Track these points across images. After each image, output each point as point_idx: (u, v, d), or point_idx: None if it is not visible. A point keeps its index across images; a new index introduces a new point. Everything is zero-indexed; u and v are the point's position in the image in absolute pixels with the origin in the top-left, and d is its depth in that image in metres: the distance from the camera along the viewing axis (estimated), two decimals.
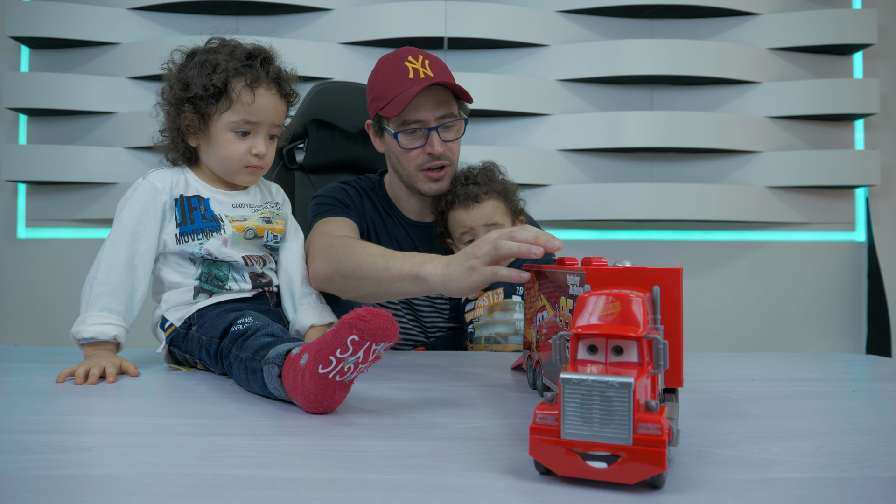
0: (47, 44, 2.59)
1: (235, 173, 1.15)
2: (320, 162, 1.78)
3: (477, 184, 1.39)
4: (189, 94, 1.10)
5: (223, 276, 1.12)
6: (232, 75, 1.09)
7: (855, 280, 2.67)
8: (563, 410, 0.53)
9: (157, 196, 1.10)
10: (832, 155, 2.57)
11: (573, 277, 0.75)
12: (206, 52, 1.13)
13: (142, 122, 2.52)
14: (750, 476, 0.58)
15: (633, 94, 2.64)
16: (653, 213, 2.51)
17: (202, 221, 1.11)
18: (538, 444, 0.54)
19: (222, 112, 1.10)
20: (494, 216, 1.37)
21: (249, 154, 1.12)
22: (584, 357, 0.56)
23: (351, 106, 1.80)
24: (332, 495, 0.52)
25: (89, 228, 2.61)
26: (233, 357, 0.95)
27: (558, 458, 0.54)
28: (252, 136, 1.13)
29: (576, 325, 0.57)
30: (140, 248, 1.09)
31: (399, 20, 2.53)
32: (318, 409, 0.78)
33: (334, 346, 0.74)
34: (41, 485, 0.54)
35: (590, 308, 0.59)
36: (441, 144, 1.37)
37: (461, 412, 0.81)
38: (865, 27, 2.56)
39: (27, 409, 0.81)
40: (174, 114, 1.13)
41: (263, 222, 1.17)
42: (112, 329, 1.05)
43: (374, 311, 0.75)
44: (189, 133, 1.13)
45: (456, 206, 1.39)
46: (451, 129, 1.39)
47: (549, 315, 0.85)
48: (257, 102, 1.10)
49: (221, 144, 1.12)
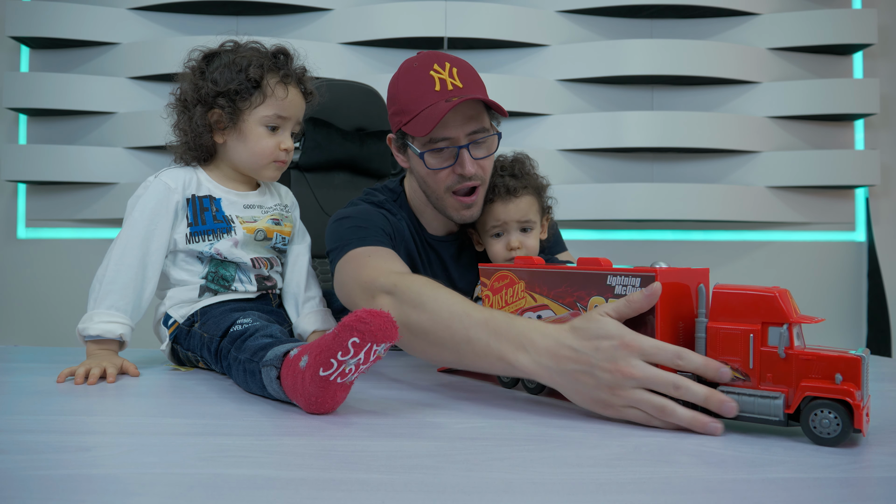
0: (47, 44, 2.59)
1: (263, 168, 1.15)
2: (316, 161, 1.78)
3: (514, 176, 1.28)
4: (222, 89, 1.10)
5: (230, 276, 1.12)
6: (267, 70, 1.12)
7: (855, 280, 2.67)
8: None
9: (169, 195, 1.10)
10: (832, 155, 2.57)
11: (626, 279, 0.76)
12: (232, 51, 1.14)
13: (142, 122, 2.52)
14: (750, 476, 0.58)
15: (633, 94, 2.64)
16: (653, 213, 2.51)
17: (213, 222, 1.12)
18: None
19: (256, 106, 1.11)
20: (529, 213, 1.28)
21: (279, 149, 1.14)
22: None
23: (347, 104, 1.79)
24: (332, 495, 0.52)
25: (89, 228, 2.61)
26: (231, 358, 0.95)
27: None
28: (281, 131, 1.14)
29: (792, 315, 0.69)
30: (151, 248, 1.08)
31: (399, 20, 2.53)
32: (319, 410, 0.78)
33: (335, 349, 0.74)
34: (41, 485, 0.54)
35: (786, 301, 0.70)
36: (473, 164, 1.20)
37: (461, 412, 0.81)
38: (865, 27, 2.56)
39: (27, 409, 0.81)
40: (201, 111, 1.12)
41: (273, 224, 1.17)
42: (118, 328, 1.05)
43: (374, 311, 0.75)
44: (218, 128, 1.13)
45: (493, 198, 1.27)
46: (483, 145, 1.22)
47: (556, 315, 0.85)
48: (289, 98, 1.13)
49: (253, 139, 1.12)
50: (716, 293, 0.73)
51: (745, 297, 0.71)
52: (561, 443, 0.68)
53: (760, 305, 0.70)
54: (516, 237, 1.28)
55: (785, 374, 0.68)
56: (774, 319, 0.69)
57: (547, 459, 0.62)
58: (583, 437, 0.70)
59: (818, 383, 0.66)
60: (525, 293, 0.90)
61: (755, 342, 0.69)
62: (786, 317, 0.69)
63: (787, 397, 0.68)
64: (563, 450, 0.65)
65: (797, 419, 0.68)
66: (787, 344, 0.68)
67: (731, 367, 0.71)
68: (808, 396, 0.66)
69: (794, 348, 0.68)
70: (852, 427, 0.64)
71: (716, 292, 0.73)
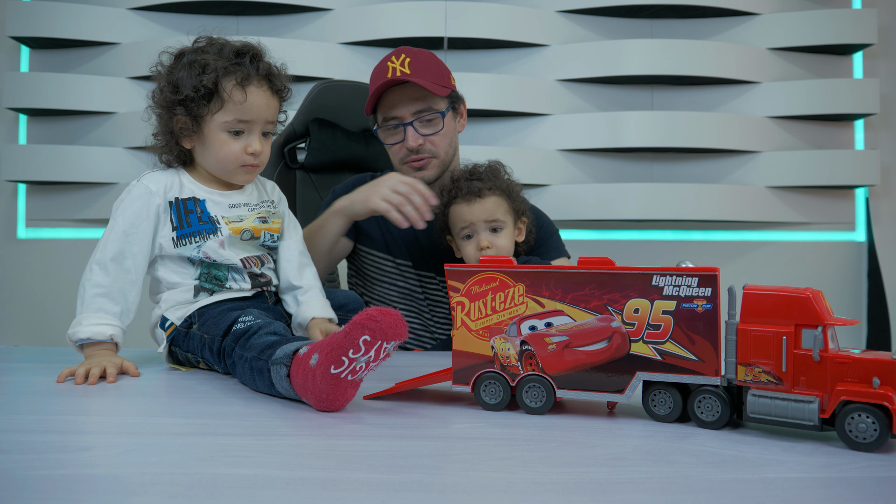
0: (47, 44, 2.59)
1: (232, 173, 1.14)
2: (322, 161, 1.78)
3: (480, 179, 1.37)
4: (180, 97, 1.08)
5: (222, 276, 1.12)
6: (222, 74, 1.08)
7: (855, 280, 2.67)
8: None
9: (150, 199, 1.10)
10: (832, 155, 2.57)
11: (681, 279, 0.73)
12: (193, 52, 1.11)
13: (141, 123, 2.52)
14: (750, 476, 0.58)
15: (633, 94, 2.64)
16: (653, 213, 2.51)
17: (198, 224, 1.11)
18: None
19: (214, 112, 1.09)
20: (496, 213, 1.34)
21: (245, 153, 1.11)
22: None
23: (352, 105, 1.79)
24: (332, 495, 0.52)
25: (89, 228, 2.61)
26: (236, 356, 0.95)
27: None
28: (246, 134, 1.12)
29: (827, 317, 0.67)
30: (133, 251, 1.08)
31: (399, 20, 2.53)
32: (329, 407, 0.79)
33: (346, 347, 0.75)
34: (41, 485, 0.54)
35: (820, 302, 0.69)
36: (417, 138, 1.40)
37: (461, 412, 0.81)
38: (865, 27, 2.55)
39: (27, 409, 0.81)
40: (166, 117, 1.11)
41: (260, 223, 1.16)
42: (108, 329, 1.04)
43: (385, 310, 0.76)
44: (182, 135, 1.12)
45: (458, 199, 1.36)
46: (430, 123, 1.41)
47: (576, 322, 0.78)
48: (249, 101, 1.09)
49: (216, 145, 1.11)
50: (747, 294, 0.71)
51: (778, 299, 0.69)
52: (561, 443, 0.68)
53: (793, 307, 0.68)
54: (486, 237, 1.33)
55: (819, 377, 0.66)
56: (808, 321, 0.67)
57: (547, 459, 0.62)
58: (583, 437, 0.70)
59: (854, 387, 0.65)
60: (526, 298, 0.80)
61: (788, 345, 0.68)
62: (820, 318, 0.67)
63: (821, 401, 0.66)
64: (563, 450, 0.65)
65: (831, 424, 0.66)
66: (822, 346, 0.66)
67: (763, 369, 0.69)
68: (844, 400, 0.65)
69: (829, 351, 0.67)
70: (890, 432, 0.63)
71: (747, 293, 0.71)
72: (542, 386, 0.79)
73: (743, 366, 0.71)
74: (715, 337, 0.72)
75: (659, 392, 0.75)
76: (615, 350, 0.76)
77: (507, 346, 0.81)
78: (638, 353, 0.75)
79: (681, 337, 0.73)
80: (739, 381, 0.71)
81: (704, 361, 0.72)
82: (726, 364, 0.72)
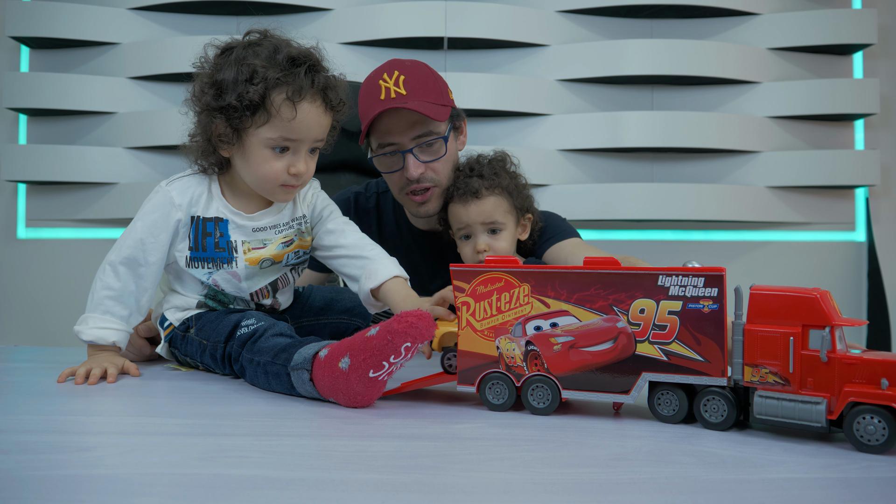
0: (47, 44, 2.59)
1: (271, 192, 1.04)
2: (321, 161, 1.77)
3: (481, 176, 1.27)
4: (221, 104, 0.96)
5: (228, 301, 1.10)
6: (271, 86, 0.96)
7: (855, 280, 2.67)
8: None
9: (171, 212, 1.03)
10: (832, 155, 2.57)
11: (686, 279, 0.73)
12: (244, 47, 1.00)
13: (142, 123, 2.52)
14: (750, 476, 0.58)
15: (633, 94, 2.64)
16: (653, 213, 2.51)
17: (214, 251, 1.05)
18: None
19: (259, 126, 0.97)
20: (494, 214, 1.26)
21: (287, 173, 1.00)
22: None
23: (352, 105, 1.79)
24: (332, 495, 0.52)
25: (89, 228, 2.61)
26: (245, 360, 0.95)
27: None
28: (291, 153, 1.00)
29: (835, 318, 0.66)
30: (148, 259, 1.04)
31: (399, 20, 2.53)
32: (360, 405, 0.82)
33: (388, 353, 0.79)
34: (41, 485, 0.54)
35: (827, 302, 0.68)
36: (418, 167, 1.24)
37: (462, 413, 0.81)
38: (865, 27, 2.55)
39: (27, 409, 0.81)
40: (205, 120, 1.00)
41: (283, 248, 1.08)
42: (111, 334, 1.04)
43: (419, 314, 0.79)
44: (221, 144, 1.01)
45: (455, 199, 1.27)
46: (430, 149, 1.26)
47: (581, 322, 0.77)
48: (299, 118, 0.97)
49: (257, 161, 0.99)
50: (753, 294, 0.70)
51: (785, 299, 0.69)
52: (561, 443, 0.68)
53: (801, 307, 0.67)
54: (483, 239, 1.26)
55: (827, 378, 0.66)
56: (816, 322, 0.67)
57: (547, 459, 0.62)
58: (583, 437, 0.70)
59: (863, 388, 0.64)
60: (531, 298, 0.79)
61: (795, 345, 0.67)
62: (828, 319, 0.66)
63: (829, 403, 0.66)
64: (563, 450, 0.65)
65: (839, 425, 0.66)
66: (830, 347, 0.66)
67: (770, 370, 0.69)
68: (852, 402, 0.64)
69: (837, 352, 0.66)
70: None
71: (753, 293, 0.70)
72: (547, 386, 0.79)
73: (749, 366, 0.70)
74: (721, 337, 0.71)
75: (665, 393, 0.75)
76: (621, 350, 0.76)
77: (513, 346, 0.81)
78: (644, 354, 0.75)
79: (687, 337, 0.73)
80: (746, 382, 0.71)
81: (710, 362, 0.72)
82: (733, 365, 0.72)
